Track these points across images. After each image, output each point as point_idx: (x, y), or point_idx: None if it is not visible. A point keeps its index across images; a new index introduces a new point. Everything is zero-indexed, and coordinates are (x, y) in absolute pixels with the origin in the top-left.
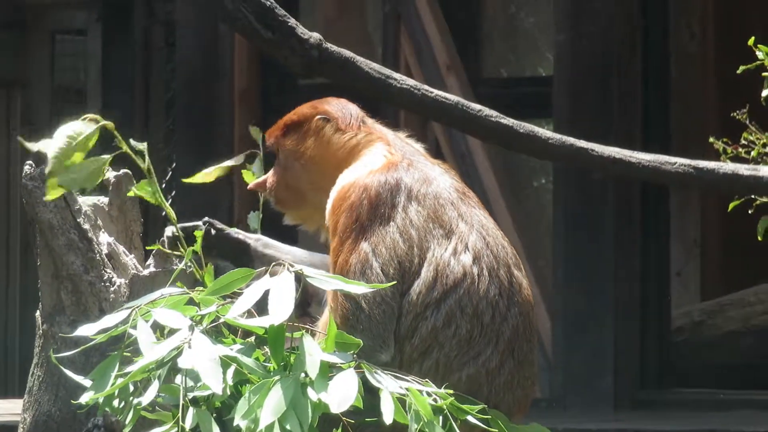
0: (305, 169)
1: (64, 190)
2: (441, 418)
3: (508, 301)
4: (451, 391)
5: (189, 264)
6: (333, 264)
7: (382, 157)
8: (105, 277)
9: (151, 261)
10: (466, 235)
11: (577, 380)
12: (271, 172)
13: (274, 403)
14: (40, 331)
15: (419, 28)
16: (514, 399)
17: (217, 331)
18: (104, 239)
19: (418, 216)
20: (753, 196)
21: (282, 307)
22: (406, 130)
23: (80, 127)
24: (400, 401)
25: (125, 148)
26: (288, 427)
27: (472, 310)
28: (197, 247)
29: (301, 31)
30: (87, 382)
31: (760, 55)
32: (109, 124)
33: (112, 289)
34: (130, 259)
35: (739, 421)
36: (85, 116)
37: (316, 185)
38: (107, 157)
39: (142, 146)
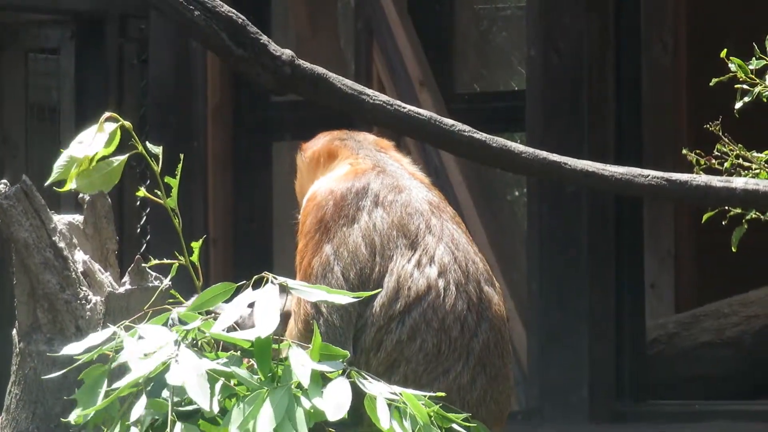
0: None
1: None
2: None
3: (478, 316)
4: (443, 394)
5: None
6: (298, 266)
7: (347, 165)
8: (81, 295)
9: (126, 278)
10: (432, 248)
11: (552, 392)
12: None
13: (268, 413)
14: (17, 350)
15: (392, 45)
16: (489, 414)
17: (199, 347)
18: (80, 257)
19: (382, 222)
20: (727, 207)
21: (268, 320)
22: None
23: (93, 132)
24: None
25: (141, 148)
26: None
27: (438, 324)
28: (195, 257)
29: (273, 48)
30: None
31: (732, 67)
32: (127, 124)
33: (88, 306)
34: (105, 277)
35: None
36: (105, 115)
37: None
38: (123, 157)
39: (158, 149)
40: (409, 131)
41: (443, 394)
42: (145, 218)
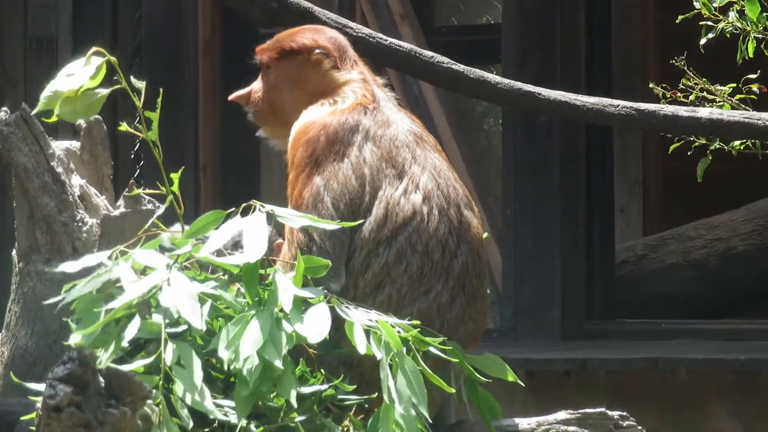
0: (293, 94)
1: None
2: (405, 349)
3: (458, 239)
4: (417, 322)
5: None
6: (289, 197)
7: (353, 96)
8: (78, 218)
9: (121, 202)
10: (417, 177)
11: (526, 312)
12: (254, 86)
13: (252, 336)
14: (17, 269)
15: None
16: (467, 332)
17: (190, 270)
18: (76, 182)
19: (372, 155)
20: (692, 137)
21: (256, 246)
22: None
23: (80, 65)
24: (365, 333)
25: (124, 83)
26: (266, 357)
27: (422, 248)
28: (175, 187)
29: None
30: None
31: (697, 4)
32: (113, 59)
33: (84, 229)
34: (101, 201)
35: (679, 349)
36: (92, 50)
37: (298, 109)
38: (106, 91)
39: (141, 84)
40: (390, 63)
41: (418, 322)
42: (138, 144)
